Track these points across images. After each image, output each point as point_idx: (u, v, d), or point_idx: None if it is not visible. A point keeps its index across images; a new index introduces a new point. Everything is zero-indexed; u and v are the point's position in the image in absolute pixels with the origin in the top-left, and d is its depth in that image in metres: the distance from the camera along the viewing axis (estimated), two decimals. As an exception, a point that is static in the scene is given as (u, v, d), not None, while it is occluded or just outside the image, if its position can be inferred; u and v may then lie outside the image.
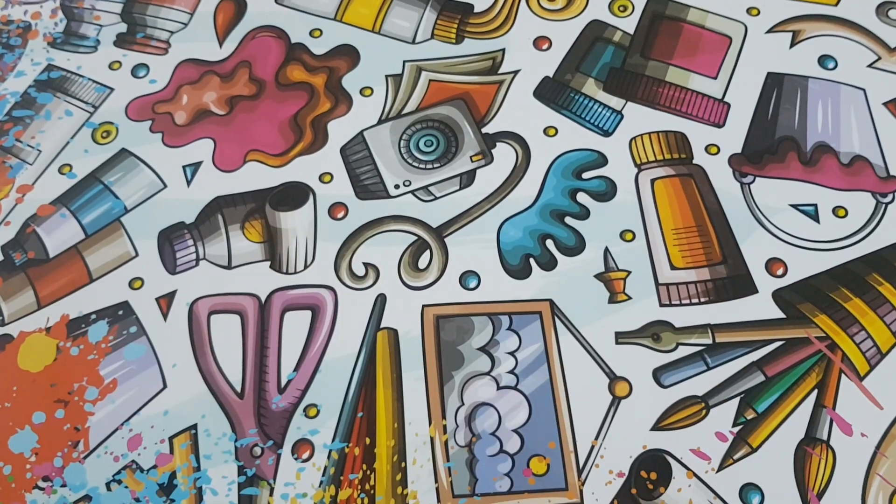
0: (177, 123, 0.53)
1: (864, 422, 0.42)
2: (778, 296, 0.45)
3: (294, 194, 0.50)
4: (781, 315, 0.45)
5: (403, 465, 0.42)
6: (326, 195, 0.50)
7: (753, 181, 0.49)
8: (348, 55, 0.56)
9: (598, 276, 0.47)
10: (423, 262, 0.48)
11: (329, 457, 0.42)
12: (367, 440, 0.43)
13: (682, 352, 0.44)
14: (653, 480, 0.41)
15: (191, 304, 0.47)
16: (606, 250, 0.47)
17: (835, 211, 0.48)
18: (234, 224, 0.49)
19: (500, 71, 0.54)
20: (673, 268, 0.47)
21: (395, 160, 0.51)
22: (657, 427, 0.43)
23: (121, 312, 0.47)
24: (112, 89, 0.55)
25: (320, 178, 0.51)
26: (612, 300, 0.46)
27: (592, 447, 0.42)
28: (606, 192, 0.49)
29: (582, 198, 0.49)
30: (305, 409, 0.44)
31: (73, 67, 0.56)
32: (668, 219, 0.48)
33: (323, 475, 0.42)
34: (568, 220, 0.49)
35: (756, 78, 0.53)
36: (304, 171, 0.51)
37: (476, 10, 0.57)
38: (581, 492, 0.41)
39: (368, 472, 0.42)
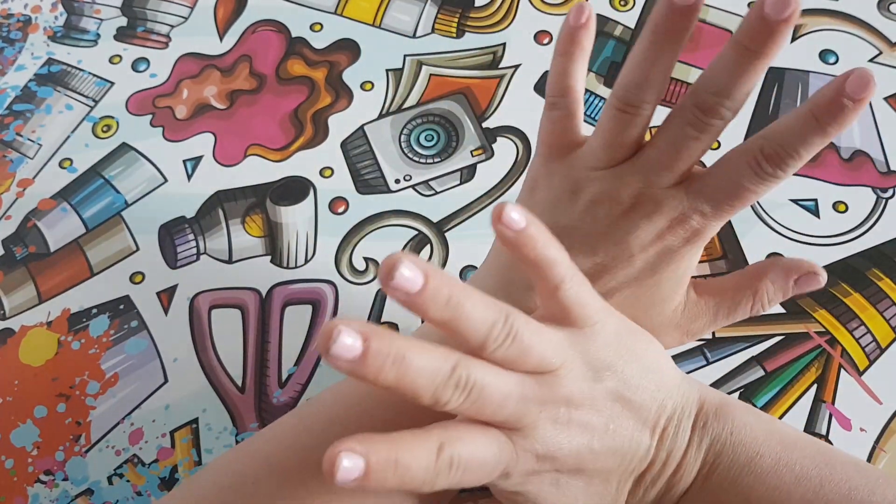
0: (177, 118, 0.53)
1: (864, 417, 0.42)
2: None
3: (295, 189, 0.50)
4: (781, 310, 0.45)
5: (404, 459, 0.42)
6: (327, 189, 0.50)
7: (754, 176, 0.49)
8: (349, 49, 0.56)
9: (599, 271, 0.47)
10: (423, 257, 0.48)
11: (330, 451, 0.42)
12: (368, 434, 0.43)
13: (682, 346, 0.44)
14: (652, 475, 0.41)
15: (192, 299, 0.47)
16: (607, 245, 0.47)
17: (835, 206, 0.48)
18: (235, 218, 0.49)
19: (500, 65, 0.54)
20: (673, 263, 0.47)
21: (396, 155, 0.51)
22: (657, 421, 0.43)
23: (122, 307, 0.47)
24: (112, 83, 0.55)
25: (321, 173, 0.51)
26: (612, 295, 0.46)
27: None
28: (607, 186, 0.49)
29: (582, 193, 0.49)
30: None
31: (73, 61, 0.56)
32: (668, 214, 0.48)
33: (324, 469, 0.42)
34: (568, 214, 0.49)
35: (757, 72, 0.53)
36: (305, 166, 0.51)
37: (477, 5, 0.57)
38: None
39: (369, 466, 0.42)
